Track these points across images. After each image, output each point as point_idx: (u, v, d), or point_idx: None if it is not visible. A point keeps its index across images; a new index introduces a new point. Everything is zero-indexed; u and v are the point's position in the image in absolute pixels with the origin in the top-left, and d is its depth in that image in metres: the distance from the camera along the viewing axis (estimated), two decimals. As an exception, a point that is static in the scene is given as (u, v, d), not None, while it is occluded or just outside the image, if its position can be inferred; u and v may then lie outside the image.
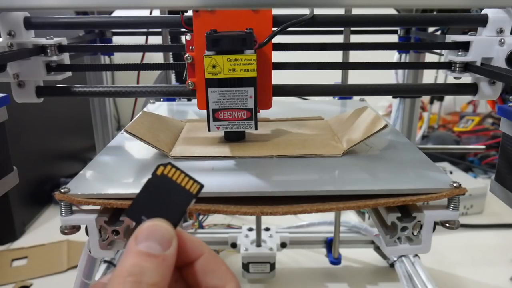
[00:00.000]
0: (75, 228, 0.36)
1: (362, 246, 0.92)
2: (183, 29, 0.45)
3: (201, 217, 1.00)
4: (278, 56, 0.44)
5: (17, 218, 1.02)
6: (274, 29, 0.43)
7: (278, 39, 0.43)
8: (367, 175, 0.39)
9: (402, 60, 0.83)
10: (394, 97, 0.90)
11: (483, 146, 1.10)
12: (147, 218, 0.24)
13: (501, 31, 0.44)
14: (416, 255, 0.79)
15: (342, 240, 0.88)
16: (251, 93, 0.41)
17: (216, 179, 0.38)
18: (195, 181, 0.25)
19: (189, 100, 0.71)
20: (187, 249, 0.24)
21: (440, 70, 0.49)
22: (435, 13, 0.66)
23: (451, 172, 1.21)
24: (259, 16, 0.42)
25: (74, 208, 0.36)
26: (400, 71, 0.87)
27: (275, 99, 0.47)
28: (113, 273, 0.21)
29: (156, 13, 0.88)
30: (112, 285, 0.21)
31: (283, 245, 0.86)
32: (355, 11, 0.56)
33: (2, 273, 0.89)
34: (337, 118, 0.55)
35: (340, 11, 0.61)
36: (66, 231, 0.36)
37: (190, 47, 0.44)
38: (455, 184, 0.36)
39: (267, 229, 0.88)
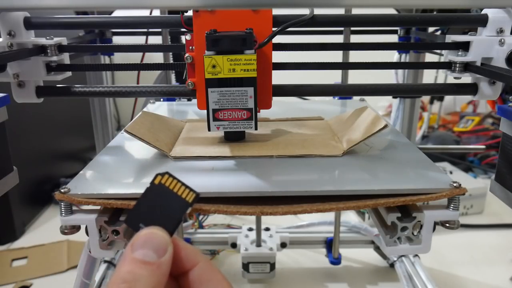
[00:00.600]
0: (75, 228, 0.36)
1: (362, 246, 0.92)
2: (183, 29, 0.45)
3: (201, 217, 1.00)
4: (278, 56, 0.44)
5: (17, 218, 1.03)
6: (274, 29, 0.43)
7: (278, 39, 0.43)
8: (367, 175, 0.39)
9: (402, 60, 0.83)
10: (394, 97, 0.90)
11: (483, 146, 1.10)
12: (145, 226, 0.24)
13: (501, 31, 0.44)
14: (416, 255, 0.79)
15: (342, 240, 0.88)
16: (251, 93, 0.41)
17: (216, 179, 0.38)
18: (191, 189, 0.25)
19: (189, 100, 0.71)
20: (181, 257, 0.24)
21: (440, 70, 0.49)
22: (435, 13, 0.66)
23: (451, 172, 1.21)
24: (259, 16, 0.42)
25: (74, 208, 0.35)
26: (400, 71, 0.87)
27: (275, 99, 0.47)
28: (109, 282, 0.22)
29: (156, 13, 0.88)
30: None
31: (283, 245, 0.86)
32: (355, 11, 0.56)
33: (2, 273, 0.89)
34: (337, 118, 0.55)
35: (340, 11, 0.61)
36: (66, 231, 0.36)
37: (190, 47, 0.44)
38: (455, 184, 0.36)
39: (267, 229, 0.88)
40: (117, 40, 0.86)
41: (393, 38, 0.83)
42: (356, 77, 0.70)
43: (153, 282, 0.22)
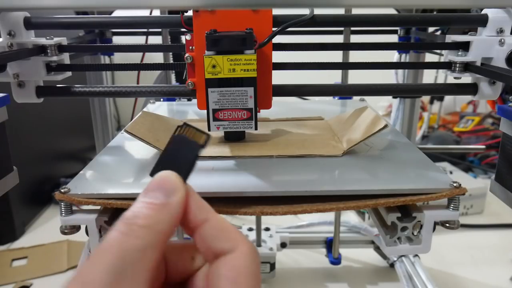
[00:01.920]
0: (75, 228, 0.36)
1: (362, 246, 0.92)
2: (183, 29, 0.45)
3: (201, 217, 1.00)
4: (278, 56, 0.44)
5: (17, 218, 1.02)
6: (274, 29, 0.43)
7: (278, 39, 0.43)
8: (367, 175, 0.39)
9: (402, 60, 0.83)
10: (394, 97, 0.90)
11: (483, 146, 1.10)
12: None
13: (501, 31, 0.44)
14: (416, 255, 0.79)
15: (342, 240, 0.88)
16: (251, 93, 0.41)
17: (216, 179, 0.38)
18: (202, 132, 0.26)
19: (189, 100, 0.71)
20: (195, 208, 0.24)
21: (440, 70, 0.49)
22: (435, 13, 0.66)
23: (451, 172, 1.21)
24: (259, 16, 0.42)
25: (74, 208, 0.35)
26: (400, 71, 0.87)
27: (275, 99, 0.47)
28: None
29: (156, 13, 0.88)
30: (111, 229, 0.21)
31: (283, 245, 0.86)
32: (355, 11, 0.56)
33: (2, 273, 0.89)
34: (337, 118, 0.55)
35: (340, 11, 0.61)
36: (66, 231, 0.36)
37: (190, 47, 0.44)
38: (455, 184, 0.36)
39: (267, 229, 0.88)
40: (117, 40, 0.86)
41: (393, 38, 0.83)
42: (356, 77, 0.70)
43: (152, 219, 0.21)
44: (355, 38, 0.74)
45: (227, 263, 0.22)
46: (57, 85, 0.47)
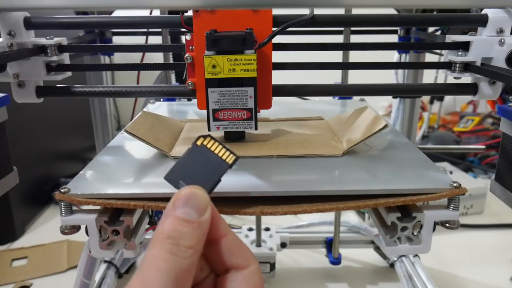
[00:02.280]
0: (75, 228, 0.36)
1: (362, 246, 0.92)
2: (183, 29, 0.45)
3: (201, 217, 1.00)
4: (278, 56, 0.44)
5: (17, 218, 1.03)
6: (274, 29, 0.43)
7: (278, 39, 0.43)
8: (367, 175, 0.39)
9: (402, 60, 0.83)
10: (394, 97, 0.91)
11: (483, 146, 1.10)
12: (185, 183, 0.26)
13: (501, 31, 0.44)
14: (416, 255, 0.79)
15: (342, 240, 0.88)
16: (251, 93, 0.41)
17: (216, 179, 0.38)
18: (231, 152, 0.26)
19: (189, 100, 0.71)
20: (215, 223, 0.25)
21: (440, 70, 0.49)
22: (435, 13, 0.66)
23: (451, 172, 1.21)
24: (259, 16, 0.42)
25: (74, 208, 0.35)
26: (400, 71, 0.87)
27: (275, 99, 0.47)
28: (153, 236, 0.23)
29: (156, 13, 0.88)
30: (154, 245, 0.22)
31: (283, 245, 0.86)
32: (355, 11, 0.56)
33: (2, 273, 0.89)
34: (337, 118, 0.55)
35: (340, 11, 0.61)
36: (66, 231, 0.36)
37: (190, 47, 0.44)
38: (455, 184, 0.36)
39: (267, 229, 0.88)
40: (117, 40, 0.86)
41: (393, 38, 0.83)
42: (356, 77, 0.70)
43: (194, 239, 0.23)
44: (355, 38, 0.74)
45: (246, 277, 0.24)
46: (57, 85, 0.47)
